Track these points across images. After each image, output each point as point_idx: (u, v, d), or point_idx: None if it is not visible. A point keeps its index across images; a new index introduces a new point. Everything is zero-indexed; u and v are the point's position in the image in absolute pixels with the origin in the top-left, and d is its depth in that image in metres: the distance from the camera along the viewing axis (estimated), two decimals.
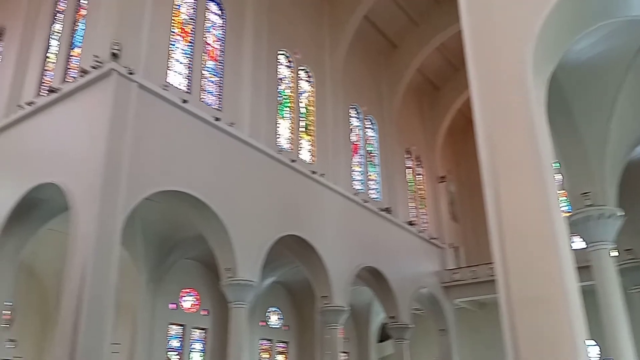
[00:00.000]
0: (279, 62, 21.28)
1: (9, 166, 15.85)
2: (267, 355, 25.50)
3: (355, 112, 25.71)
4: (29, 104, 16.19)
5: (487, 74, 8.37)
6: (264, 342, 25.49)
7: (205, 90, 17.58)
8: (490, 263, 21.95)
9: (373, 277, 23.29)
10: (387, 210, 24.86)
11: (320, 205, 20.40)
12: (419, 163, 30.53)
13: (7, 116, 16.75)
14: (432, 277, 27.57)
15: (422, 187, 30.39)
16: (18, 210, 14.89)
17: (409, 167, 29.57)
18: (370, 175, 25.75)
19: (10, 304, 15.74)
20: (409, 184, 29.08)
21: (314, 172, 20.50)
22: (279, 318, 26.59)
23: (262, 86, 19.46)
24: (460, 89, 30.09)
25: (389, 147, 27.20)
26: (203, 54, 17.89)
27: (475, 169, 9.31)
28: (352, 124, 25.23)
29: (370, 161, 26.15)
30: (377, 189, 25.83)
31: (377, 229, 23.79)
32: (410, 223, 26.81)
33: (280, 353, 26.31)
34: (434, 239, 28.81)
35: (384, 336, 29.76)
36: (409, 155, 29.69)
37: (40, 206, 15.10)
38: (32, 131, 15.64)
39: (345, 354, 25.01)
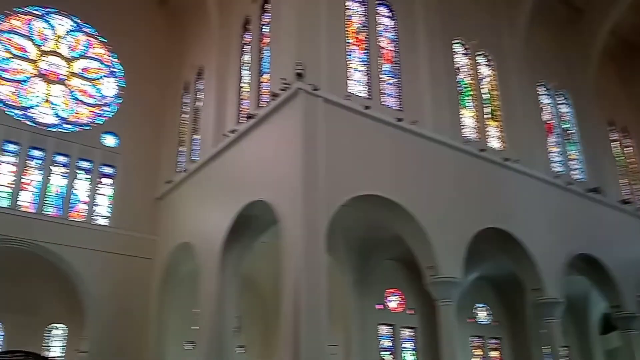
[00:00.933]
0: (454, 51, 20.71)
1: (224, 189, 17.70)
2: (480, 352, 24.82)
3: (545, 89, 23.95)
4: (232, 131, 17.94)
5: None
6: (475, 339, 24.87)
7: (384, 94, 17.80)
8: None
9: (588, 265, 21.34)
10: (596, 190, 22.61)
11: (517, 193, 19.31)
12: (626, 134, 27.40)
13: (216, 145, 18.77)
14: None
15: (633, 160, 27.20)
16: (235, 227, 16.52)
17: (615, 140, 26.69)
18: (570, 155, 23.73)
19: (238, 313, 17.43)
20: (617, 158, 26.24)
21: (506, 160, 19.50)
22: (487, 314, 25.73)
23: (440, 79, 19.10)
24: None
25: (589, 122, 24.79)
26: (379, 58, 18.14)
27: None
28: (542, 103, 23.54)
29: (569, 139, 24.12)
30: (580, 168, 23.69)
31: (586, 213, 21.76)
32: (625, 202, 24.08)
33: (494, 350, 25.42)
34: None
35: (607, 327, 27.07)
36: (613, 127, 26.80)
37: (253, 222, 16.55)
38: (238, 155, 17.31)
39: (565, 348, 23.26)
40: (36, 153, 20.64)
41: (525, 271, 18.94)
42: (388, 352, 22.00)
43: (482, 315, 25.59)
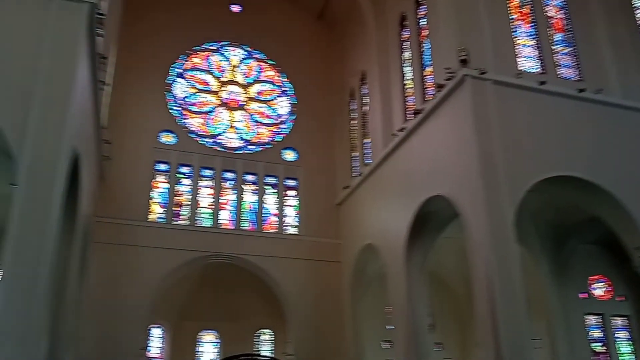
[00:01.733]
0: (635, 7, 18.41)
1: (399, 188, 17.77)
2: None
3: None
4: (401, 130, 17.99)
5: None
6: None
7: (560, 65, 16.49)
8: None
9: None
10: None
11: None
12: None
13: (386, 146, 18.95)
14: None
15: None
16: (416, 225, 16.47)
17: None
18: None
19: (430, 310, 17.30)
20: None
21: None
22: None
23: (622, 40, 17.15)
24: None
25: None
26: (548, 29, 16.90)
27: None
28: None
29: None
30: None
31: None
32: None
33: None
34: None
35: None
36: None
37: (433, 218, 16.36)
38: (410, 153, 17.27)
39: None
40: (228, 175, 22.73)
41: None
42: (599, 344, 20.19)
43: None
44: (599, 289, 21.01)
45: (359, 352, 20.70)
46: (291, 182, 23.58)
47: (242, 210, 22.38)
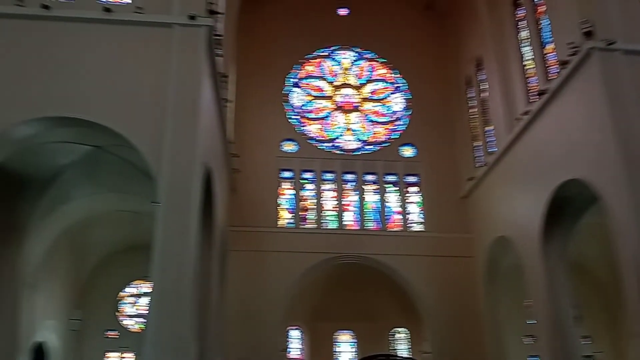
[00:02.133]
0: None
1: (529, 174, 16.94)
2: None
3: None
4: (525, 113, 17.18)
5: None
6: None
7: None
8: None
9: None
10: None
11: None
12: None
13: (510, 132, 18.17)
14: None
15: None
16: (551, 212, 15.59)
17: None
18: None
19: (574, 301, 16.25)
20: None
21: None
22: None
23: None
24: None
25: None
26: None
27: None
28: None
29: None
30: None
31: None
32: None
33: None
34: None
35: None
36: None
37: (570, 203, 15.38)
38: (537, 136, 16.45)
39: None
40: (349, 177, 23.00)
41: None
42: None
43: None
44: None
45: (500, 347, 19.92)
46: (412, 179, 23.29)
47: (365, 210, 22.53)
